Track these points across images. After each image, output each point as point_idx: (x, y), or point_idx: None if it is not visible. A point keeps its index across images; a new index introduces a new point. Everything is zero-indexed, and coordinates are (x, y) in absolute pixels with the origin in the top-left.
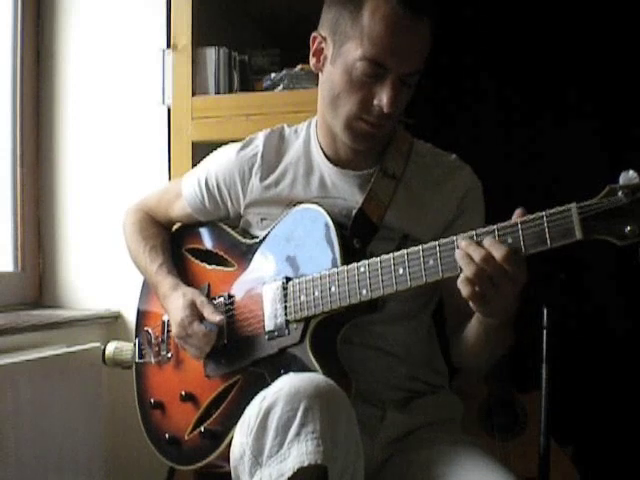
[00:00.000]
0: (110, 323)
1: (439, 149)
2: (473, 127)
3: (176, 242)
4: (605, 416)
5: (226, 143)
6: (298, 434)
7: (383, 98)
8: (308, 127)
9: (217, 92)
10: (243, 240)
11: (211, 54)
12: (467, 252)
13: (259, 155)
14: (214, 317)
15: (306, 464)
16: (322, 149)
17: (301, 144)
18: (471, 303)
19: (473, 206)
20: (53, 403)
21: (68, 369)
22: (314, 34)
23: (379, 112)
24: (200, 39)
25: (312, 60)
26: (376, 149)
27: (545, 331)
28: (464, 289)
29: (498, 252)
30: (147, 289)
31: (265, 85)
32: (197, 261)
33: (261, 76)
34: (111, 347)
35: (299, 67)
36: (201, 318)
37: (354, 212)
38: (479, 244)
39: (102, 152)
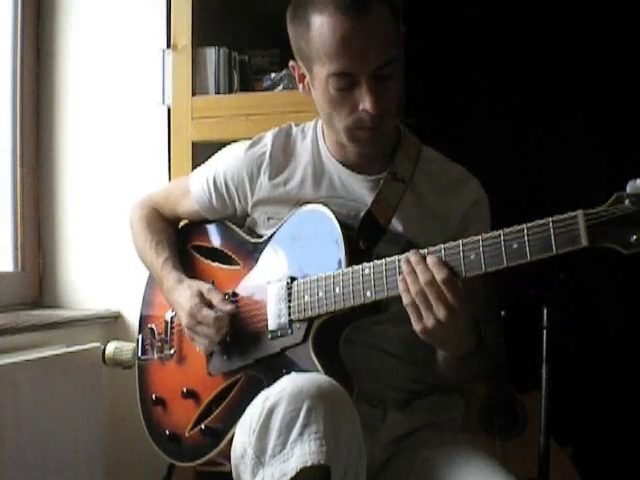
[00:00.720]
0: (110, 323)
1: (448, 158)
2: (476, 133)
3: (182, 239)
4: (605, 416)
5: (226, 143)
6: (301, 434)
7: (366, 102)
8: (315, 128)
9: (217, 92)
10: (249, 239)
11: (211, 54)
12: (414, 269)
13: (267, 154)
14: (224, 306)
15: (309, 464)
16: (330, 152)
17: (309, 145)
18: (415, 329)
19: (478, 220)
20: (53, 403)
21: (68, 369)
22: (291, 63)
23: (370, 116)
24: (200, 39)
25: (299, 86)
26: (385, 150)
27: (545, 331)
28: (407, 308)
29: (439, 274)
30: (151, 287)
31: (265, 85)
32: (202, 258)
33: (261, 76)
34: (111, 347)
35: None
36: (210, 306)
37: (362, 214)
38: (425, 264)
39: (102, 152)
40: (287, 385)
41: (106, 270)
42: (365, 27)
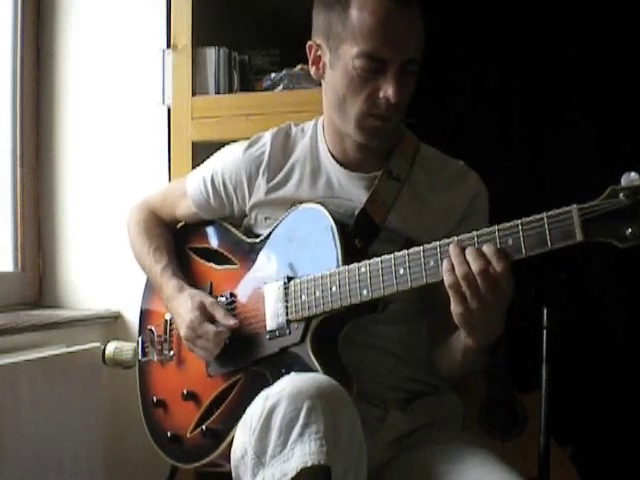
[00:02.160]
0: (110, 323)
1: (446, 154)
2: (473, 128)
3: (179, 240)
4: (605, 416)
5: (226, 143)
6: (301, 434)
7: (388, 89)
8: (315, 127)
9: (217, 92)
10: (246, 239)
11: (211, 54)
12: (462, 256)
13: (266, 154)
14: (227, 320)
15: (309, 464)
16: (329, 150)
17: (308, 144)
18: (455, 311)
19: (478, 213)
20: (53, 403)
21: (68, 369)
22: (309, 43)
23: (387, 104)
24: (200, 39)
25: (312, 69)
26: (385, 148)
27: (545, 331)
28: (450, 288)
29: (499, 265)
30: (150, 288)
31: (265, 85)
32: (200, 260)
33: (261, 76)
34: (111, 347)
35: (299, 67)
36: (211, 319)
37: (356, 212)
38: (479, 251)
39: (102, 152)
40: (287, 385)
41: (106, 270)
42: (407, 18)
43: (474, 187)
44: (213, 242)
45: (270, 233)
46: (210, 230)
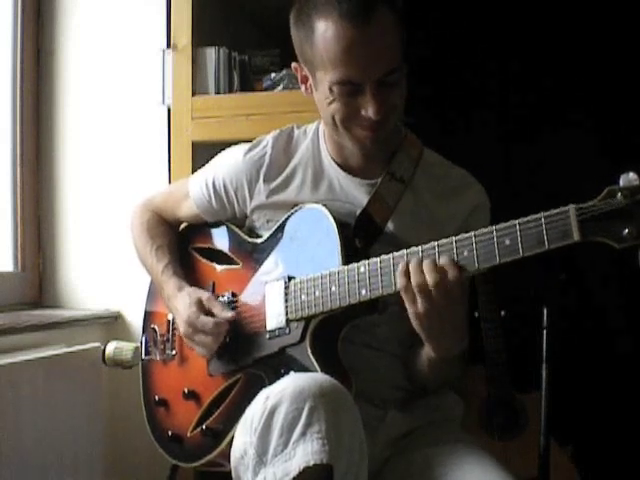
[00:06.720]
0: (110, 323)
1: (449, 161)
2: (473, 129)
3: (183, 240)
4: (605, 416)
5: (226, 143)
6: (304, 434)
7: (369, 110)
8: (316, 130)
9: (217, 92)
10: (249, 239)
11: (211, 54)
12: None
13: (267, 157)
14: (225, 314)
15: (312, 463)
16: (330, 154)
17: (310, 147)
18: (414, 322)
19: (479, 224)
20: (53, 403)
21: (68, 369)
22: (294, 65)
23: (372, 121)
24: (200, 39)
25: (302, 87)
26: (387, 151)
27: (545, 331)
28: (409, 306)
29: (452, 274)
30: (154, 288)
31: (265, 85)
32: (203, 259)
33: (261, 76)
34: (111, 347)
35: None
36: (208, 313)
37: (358, 212)
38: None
39: (102, 152)
40: (289, 384)
41: (106, 270)
42: (370, 36)
43: (475, 199)
44: (216, 242)
45: (272, 233)
46: (213, 230)
